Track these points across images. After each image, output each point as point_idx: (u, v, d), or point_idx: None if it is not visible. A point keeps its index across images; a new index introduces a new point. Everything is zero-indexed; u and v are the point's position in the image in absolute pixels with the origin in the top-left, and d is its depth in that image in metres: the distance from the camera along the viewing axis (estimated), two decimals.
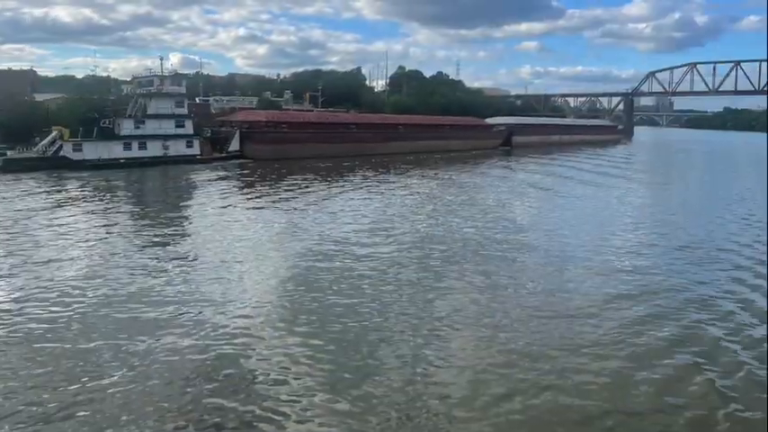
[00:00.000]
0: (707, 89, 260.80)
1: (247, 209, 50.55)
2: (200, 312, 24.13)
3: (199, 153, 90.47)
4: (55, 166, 74.30)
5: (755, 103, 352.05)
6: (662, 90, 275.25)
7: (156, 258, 32.91)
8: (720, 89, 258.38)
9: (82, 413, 16.49)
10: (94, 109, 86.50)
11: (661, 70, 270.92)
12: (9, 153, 76.45)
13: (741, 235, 43.08)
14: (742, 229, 45.24)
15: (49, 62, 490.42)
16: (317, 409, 16.92)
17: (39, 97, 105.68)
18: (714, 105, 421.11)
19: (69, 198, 54.38)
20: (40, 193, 56.91)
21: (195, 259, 32.88)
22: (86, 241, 36.79)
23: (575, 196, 62.16)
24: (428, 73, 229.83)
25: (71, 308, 24.46)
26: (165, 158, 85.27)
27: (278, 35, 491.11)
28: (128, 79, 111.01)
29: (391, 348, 21.02)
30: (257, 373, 18.98)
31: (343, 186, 67.06)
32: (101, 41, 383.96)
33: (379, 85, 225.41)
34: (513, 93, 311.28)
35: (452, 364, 19.99)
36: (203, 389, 17.92)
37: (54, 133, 78.93)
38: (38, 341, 21.11)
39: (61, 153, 77.03)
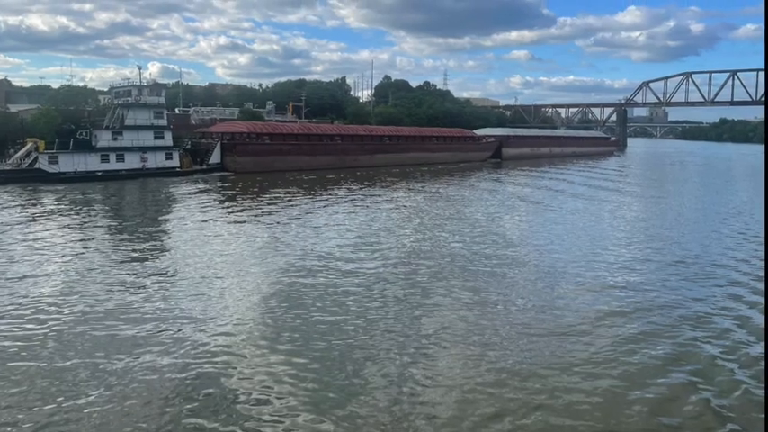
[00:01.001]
0: (702, 99, 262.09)
1: (228, 223, 50.45)
2: (180, 330, 24.04)
3: (178, 165, 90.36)
4: (30, 178, 74.17)
5: (752, 114, 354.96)
6: (656, 100, 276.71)
7: (135, 274, 32.81)
8: (716, 100, 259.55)
9: None
10: (71, 120, 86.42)
11: (655, 80, 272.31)
12: None
13: (737, 250, 43.01)
14: (738, 244, 45.16)
15: (24, 72, 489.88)
16: (301, 430, 16.87)
17: (13, 108, 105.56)
18: (710, 116, 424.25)
19: (45, 212, 54.12)
20: (14, 206, 56.70)
21: (175, 275, 32.76)
22: (62, 256, 36.62)
23: (566, 210, 62.32)
24: (415, 83, 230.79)
25: (46, 325, 24.33)
26: (143, 171, 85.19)
27: (260, 44, 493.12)
28: (105, 89, 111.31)
29: (377, 367, 20.98)
30: (239, 392, 18.91)
31: (327, 200, 67.08)
32: (77, 50, 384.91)
33: (364, 95, 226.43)
34: (502, 103, 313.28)
35: (440, 383, 19.98)
36: (183, 409, 17.84)
37: (29, 145, 78.64)
38: (12, 359, 20.96)
39: (36, 165, 76.76)
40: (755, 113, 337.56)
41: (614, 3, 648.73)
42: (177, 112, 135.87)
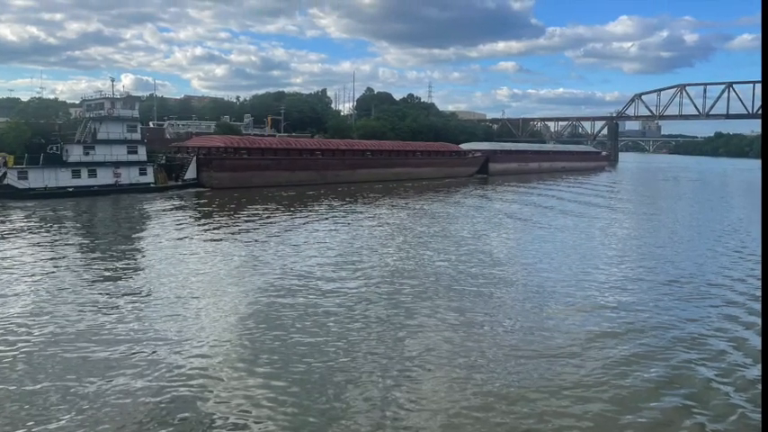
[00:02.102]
0: (697, 112, 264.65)
1: (205, 241, 50.34)
2: (155, 351, 23.96)
3: (153, 181, 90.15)
4: None
5: (749, 128, 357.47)
6: (649, 113, 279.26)
7: (107, 294, 32.67)
8: (711, 113, 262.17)
9: None
10: (41, 134, 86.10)
11: (648, 92, 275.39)
12: None
13: (733, 269, 43.16)
14: (734, 263, 45.36)
15: None
16: None
17: None
18: (705, 130, 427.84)
19: (14, 229, 53.77)
20: None
21: (149, 295, 32.66)
22: (32, 276, 36.40)
23: (555, 227, 62.52)
24: (398, 95, 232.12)
25: (15, 347, 24.20)
26: (116, 187, 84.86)
27: (238, 55, 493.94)
28: (76, 102, 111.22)
29: (359, 390, 20.98)
30: (215, 416, 18.86)
31: (307, 217, 67.10)
32: (48, 61, 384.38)
33: (345, 108, 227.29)
34: (489, 116, 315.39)
35: (424, 407, 19.99)
36: None
37: None
38: None
39: (5, 181, 76.22)
40: (752, 127, 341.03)
41: (605, 12, 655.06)
42: (151, 125, 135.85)
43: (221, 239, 51.14)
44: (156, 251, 45.72)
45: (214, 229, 57.22)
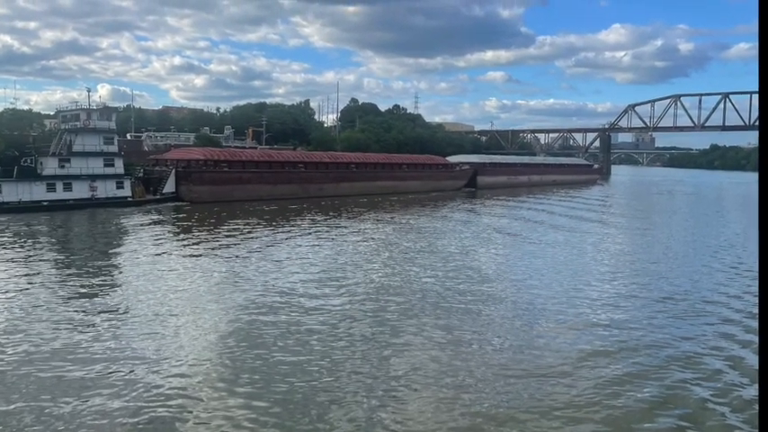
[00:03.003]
0: (692, 124, 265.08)
1: (184, 256, 50.24)
2: (132, 371, 23.88)
3: (130, 195, 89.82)
4: None
5: (746, 140, 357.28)
6: (642, 125, 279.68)
7: (83, 311, 32.53)
8: (707, 124, 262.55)
9: None
10: (14, 146, 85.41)
11: (641, 103, 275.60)
12: None
13: (729, 285, 43.17)
14: (730, 279, 45.40)
15: None
16: None
17: None
18: (700, 142, 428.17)
19: None
20: None
21: (126, 312, 32.57)
22: (5, 292, 36.22)
23: (546, 243, 62.64)
24: (384, 106, 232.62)
25: None
26: (92, 201, 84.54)
27: (218, 64, 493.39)
28: (51, 113, 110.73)
29: (343, 411, 20.97)
30: None
31: (289, 231, 67.06)
32: (21, 71, 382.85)
33: (329, 119, 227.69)
34: (477, 128, 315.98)
35: (410, 428, 20.00)
36: None
37: None
38: None
39: None
40: (749, 139, 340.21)
41: (597, 21, 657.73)
42: (129, 137, 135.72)
43: (201, 255, 51.04)
44: (133, 267, 45.58)
45: (193, 244, 57.10)
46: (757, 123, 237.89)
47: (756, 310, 34.26)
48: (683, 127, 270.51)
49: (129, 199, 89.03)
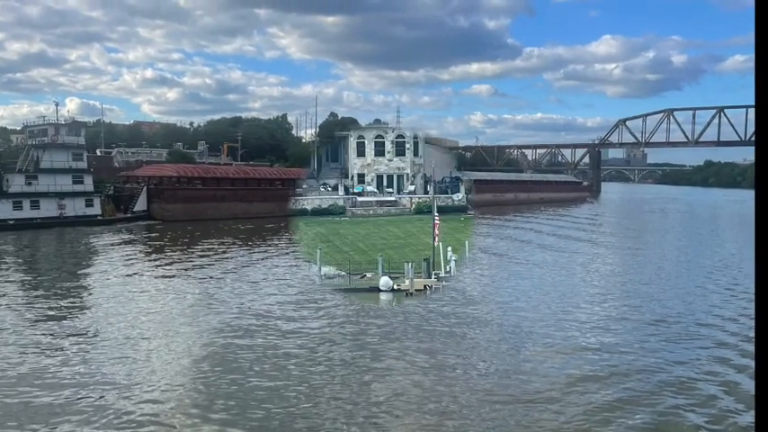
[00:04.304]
0: (685, 139, 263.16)
1: (156, 278, 50.16)
2: (102, 396, 23.85)
3: (100, 213, 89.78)
4: None
5: (741, 156, 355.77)
6: (633, 140, 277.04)
7: (51, 334, 32.47)
8: (701, 139, 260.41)
9: None
10: None
11: (632, 118, 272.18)
12: None
13: (724, 307, 42.95)
14: (725, 301, 45.16)
15: None
16: None
17: None
18: (694, 158, 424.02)
19: None
20: None
21: (96, 335, 32.52)
22: None
23: (533, 263, 62.75)
24: (364, 120, 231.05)
25: None
26: (61, 219, 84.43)
27: (191, 77, 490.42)
28: (18, 128, 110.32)
29: None
30: None
31: (266, 251, 67.09)
32: None
33: (307, 134, 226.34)
34: (462, 144, 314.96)
35: None
36: None
37: None
38: None
39: None
40: (744, 155, 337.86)
41: (587, 32, 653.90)
42: (99, 153, 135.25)
43: (174, 276, 50.99)
44: (103, 288, 45.50)
45: (166, 264, 57.03)
46: (753, 138, 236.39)
47: (752, 334, 34.51)
48: (677, 142, 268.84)
49: (99, 217, 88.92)
